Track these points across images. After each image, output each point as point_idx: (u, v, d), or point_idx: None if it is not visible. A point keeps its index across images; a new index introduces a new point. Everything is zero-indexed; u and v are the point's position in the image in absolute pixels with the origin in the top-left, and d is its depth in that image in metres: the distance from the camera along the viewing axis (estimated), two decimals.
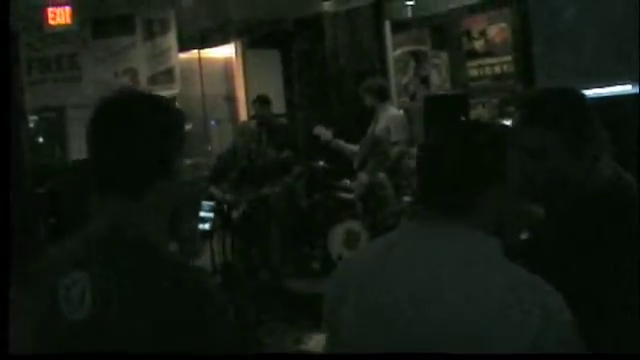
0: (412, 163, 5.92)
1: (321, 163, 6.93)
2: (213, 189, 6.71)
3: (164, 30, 7.74)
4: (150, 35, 7.80)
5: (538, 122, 1.73)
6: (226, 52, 9.27)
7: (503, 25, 6.79)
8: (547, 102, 1.79)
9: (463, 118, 5.47)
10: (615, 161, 1.80)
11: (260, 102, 7.22)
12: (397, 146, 6.08)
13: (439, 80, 7.58)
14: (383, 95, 6.34)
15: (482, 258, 1.31)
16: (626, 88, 5.32)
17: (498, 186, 1.35)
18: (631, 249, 1.62)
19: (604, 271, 1.62)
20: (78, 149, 10.45)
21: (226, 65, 9.35)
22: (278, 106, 8.81)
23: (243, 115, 9.21)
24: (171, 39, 7.75)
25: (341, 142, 6.46)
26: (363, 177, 6.19)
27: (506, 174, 1.35)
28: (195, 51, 8.88)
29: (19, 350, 1.69)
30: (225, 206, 6.54)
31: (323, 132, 6.44)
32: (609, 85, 5.33)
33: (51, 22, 7.15)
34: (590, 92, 5.35)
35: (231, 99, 9.33)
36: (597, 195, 1.72)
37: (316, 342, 5.44)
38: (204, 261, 7.83)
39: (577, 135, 1.72)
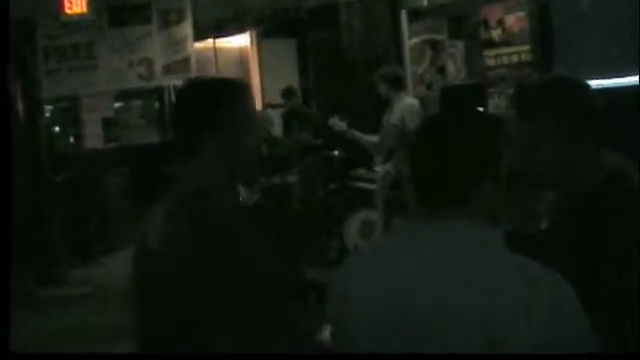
0: None
1: (336, 152, 6.93)
2: None
3: (180, 19, 7.74)
4: (166, 24, 7.80)
5: (527, 113, 1.72)
6: (241, 41, 9.26)
7: (521, 14, 6.72)
8: (537, 92, 1.78)
9: (480, 108, 5.43)
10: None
11: (286, 94, 7.28)
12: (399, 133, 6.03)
13: (455, 70, 7.53)
14: (398, 84, 6.30)
15: (485, 251, 1.29)
16: None
17: (493, 177, 1.32)
18: (635, 240, 1.60)
19: (609, 263, 1.61)
20: (92, 137, 10.53)
21: (241, 54, 9.35)
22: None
23: (258, 104, 9.22)
24: (187, 28, 7.74)
25: (356, 132, 6.44)
26: (388, 167, 6.17)
27: (500, 164, 1.33)
28: (210, 40, 8.88)
29: None
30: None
31: (337, 123, 6.42)
32: (630, 75, 5.26)
33: (67, 11, 7.16)
34: (610, 82, 5.31)
35: None
36: (601, 186, 1.70)
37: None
38: None
39: (570, 124, 1.69)
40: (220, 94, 1.76)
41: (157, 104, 11.29)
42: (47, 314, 6.54)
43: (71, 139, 10.71)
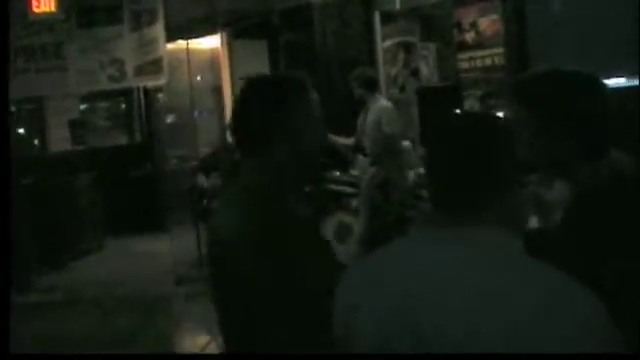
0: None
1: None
2: (200, 178, 6.65)
3: (152, 20, 7.61)
4: (137, 25, 7.66)
5: (514, 99, 1.80)
6: (213, 42, 9.17)
7: (495, 17, 6.78)
8: (524, 80, 1.85)
9: (457, 110, 5.46)
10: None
11: None
12: (388, 139, 6.05)
13: (427, 72, 7.57)
14: (372, 86, 6.30)
15: (510, 260, 1.25)
16: (620, 81, 5.32)
17: (511, 180, 1.30)
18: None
19: (615, 262, 1.61)
20: (58, 140, 10.34)
21: (212, 55, 9.26)
22: None
23: (229, 106, 9.13)
24: (159, 29, 7.62)
25: (331, 135, 6.42)
26: (374, 170, 6.16)
27: (515, 167, 1.31)
28: (180, 41, 8.77)
29: None
30: (205, 197, 6.49)
31: None
32: (604, 78, 5.33)
33: (35, 10, 7.00)
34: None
35: (218, 90, 9.24)
36: (606, 183, 1.71)
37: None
38: (191, 253, 7.80)
39: (548, 111, 1.73)
40: (284, 92, 1.77)
41: (123, 105, 11.16)
42: (22, 322, 6.38)
43: (36, 141, 10.51)
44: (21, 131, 10.34)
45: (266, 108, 1.75)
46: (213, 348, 5.32)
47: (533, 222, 1.90)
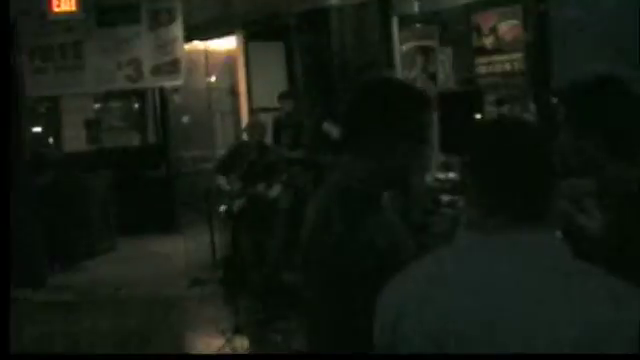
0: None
1: (327, 158, 6.85)
2: (221, 180, 6.64)
3: (170, 20, 7.61)
4: (155, 25, 7.66)
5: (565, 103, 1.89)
6: (229, 44, 9.16)
7: (514, 22, 6.72)
8: (576, 86, 1.92)
9: (478, 115, 5.41)
10: None
11: (280, 97, 7.23)
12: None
13: (443, 76, 7.52)
14: None
15: (570, 268, 1.23)
16: None
17: (557, 185, 1.29)
18: None
19: None
20: (73, 139, 10.37)
21: (229, 57, 9.24)
22: None
23: (245, 108, 9.12)
24: (177, 29, 7.62)
25: None
26: None
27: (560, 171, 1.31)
28: (195, 42, 8.78)
29: None
30: (227, 199, 6.49)
31: (331, 128, 6.38)
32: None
33: (56, 9, 7.00)
34: None
35: (234, 91, 9.23)
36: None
37: None
38: (205, 255, 7.78)
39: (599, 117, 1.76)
40: (410, 103, 1.79)
41: (137, 105, 11.18)
42: (30, 320, 6.39)
43: (50, 140, 10.54)
44: (37, 130, 10.36)
45: (389, 111, 1.77)
46: (227, 351, 5.30)
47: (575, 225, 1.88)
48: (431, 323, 1.27)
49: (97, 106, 10.96)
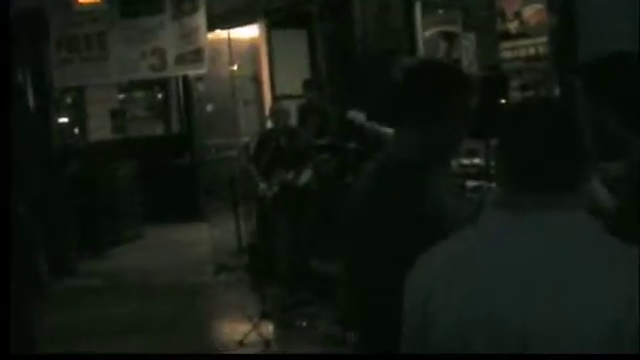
0: None
1: (352, 145, 6.85)
2: (251, 167, 6.67)
3: (193, 9, 7.63)
4: (179, 14, 7.69)
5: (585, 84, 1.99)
6: (252, 32, 9.17)
7: (539, 6, 6.65)
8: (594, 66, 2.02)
9: (503, 100, 5.38)
10: None
11: (304, 85, 7.25)
12: None
13: (467, 62, 7.47)
14: None
15: (602, 245, 1.21)
16: None
17: (587, 162, 1.30)
18: None
19: None
20: (98, 129, 10.47)
21: (252, 45, 9.25)
22: None
23: (268, 96, 9.14)
24: (200, 18, 7.64)
25: (375, 125, 6.38)
26: None
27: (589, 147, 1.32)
28: (219, 31, 8.79)
29: None
30: (260, 186, 6.52)
31: (356, 116, 6.38)
32: None
33: (81, 0, 7.06)
34: None
35: (257, 80, 9.25)
36: None
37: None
38: (230, 242, 7.84)
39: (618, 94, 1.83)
40: (459, 85, 1.94)
41: (161, 95, 11.24)
42: (64, 306, 6.49)
43: (76, 130, 10.65)
44: (64, 120, 10.46)
45: (439, 92, 1.93)
46: (253, 336, 5.35)
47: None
48: (460, 305, 1.26)
49: (121, 96, 11.03)
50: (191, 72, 8.59)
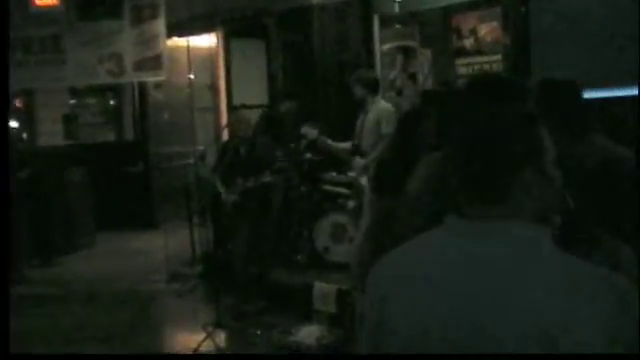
0: None
1: (308, 155, 6.91)
2: (212, 174, 6.64)
3: (153, 16, 7.58)
4: (138, 20, 7.63)
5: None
6: (211, 41, 9.16)
7: (494, 24, 6.84)
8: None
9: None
10: None
11: (276, 96, 7.32)
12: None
13: (422, 77, 7.60)
14: (374, 87, 6.33)
15: (542, 252, 1.24)
16: (626, 91, 5.36)
17: (535, 171, 1.27)
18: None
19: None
20: (49, 134, 10.26)
21: (210, 54, 9.24)
22: (261, 97, 8.75)
23: (224, 105, 9.13)
24: (160, 25, 7.59)
25: (328, 140, 6.48)
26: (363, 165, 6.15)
27: (542, 152, 1.28)
28: (177, 38, 8.76)
29: None
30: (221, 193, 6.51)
31: (309, 131, 6.48)
32: (608, 87, 5.38)
33: (37, 2, 6.95)
34: (588, 94, 5.42)
35: (214, 88, 9.23)
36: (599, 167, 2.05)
37: (306, 333, 5.44)
38: (184, 250, 7.79)
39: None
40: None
41: (113, 102, 11.11)
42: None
43: (24, 135, 10.42)
44: (13, 125, 10.23)
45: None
46: (208, 345, 5.33)
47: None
48: (416, 306, 1.30)
49: (72, 102, 10.87)
50: (150, 78, 8.53)
